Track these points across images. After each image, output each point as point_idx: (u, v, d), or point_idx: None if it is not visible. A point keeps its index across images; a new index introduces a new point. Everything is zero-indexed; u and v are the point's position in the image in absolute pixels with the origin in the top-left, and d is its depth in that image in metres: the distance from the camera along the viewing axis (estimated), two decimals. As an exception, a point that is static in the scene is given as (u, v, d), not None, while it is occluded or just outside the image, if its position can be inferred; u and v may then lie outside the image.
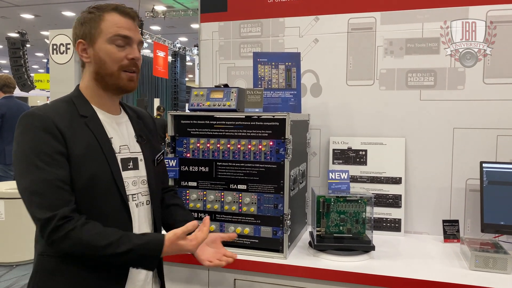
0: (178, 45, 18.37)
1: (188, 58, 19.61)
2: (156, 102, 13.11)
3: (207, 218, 1.37)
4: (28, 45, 12.45)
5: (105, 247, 1.19)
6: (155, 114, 11.97)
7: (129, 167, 1.38)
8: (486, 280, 1.54)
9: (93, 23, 1.32)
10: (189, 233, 1.29)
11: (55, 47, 8.80)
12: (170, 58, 17.80)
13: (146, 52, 19.69)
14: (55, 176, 1.19)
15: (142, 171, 1.43)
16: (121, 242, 1.20)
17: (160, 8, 14.56)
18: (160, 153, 1.53)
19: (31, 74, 13.24)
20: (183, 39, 18.23)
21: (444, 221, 2.00)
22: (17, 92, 13.60)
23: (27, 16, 13.62)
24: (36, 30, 14.95)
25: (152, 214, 1.45)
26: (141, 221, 1.40)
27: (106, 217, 1.27)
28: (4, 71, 22.30)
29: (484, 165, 1.88)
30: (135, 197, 1.38)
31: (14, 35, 13.01)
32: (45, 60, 19.67)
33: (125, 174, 1.35)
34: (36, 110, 1.25)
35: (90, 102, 1.36)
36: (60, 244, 1.18)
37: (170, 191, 1.66)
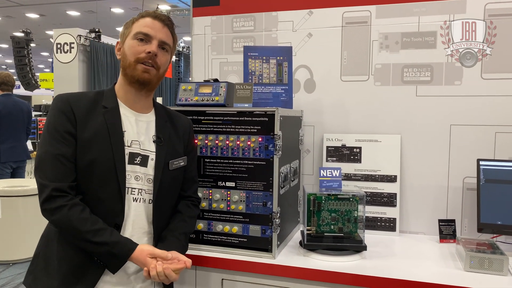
0: (182, 45, 18.38)
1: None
2: (159, 101, 13.11)
3: (189, 263, 1.42)
4: (33, 44, 12.52)
5: (84, 233, 1.30)
6: None
7: (135, 162, 1.44)
8: (481, 282, 1.48)
9: (129, 25, 1.48)
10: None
11: (59, 46, 8.85)
12: (174, 58, 17.81)
13: (150, 51, 19.67)
14: (60, 152, 1.33)
15: (150, 169, 1.47)
16: (99, 233, 1.31)
17: (164, 7, 14.57)
18: (179, 159, 1.56)
19: (36, 73, 13.31)
20: (187, 38, 18.24)
21: (440, 221, 1.94)
22: (22, 91, 13.69)
23: (32, 15, 13.69)
24: (41, 30, 15.02)
25: (152, 213, 1.47)
26: (137, 216, 1.44)
27: (100, 201, 1.37)
28: (9, 70, 22.44)
29: (481, 162, 1.82)
30: (134, 191, 1.43)
31: (19, 34, 13.08)
32: (51, 60, 19.78)
33: (129, 168, 1.42)
34: (66, 94, 1.42)
35: (118, 96, 1.48)
36: (50, 214, 1.32)
37: (189, 198, 1.63)
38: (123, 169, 1.39)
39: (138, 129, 1.48)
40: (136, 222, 1.44)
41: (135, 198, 1.43)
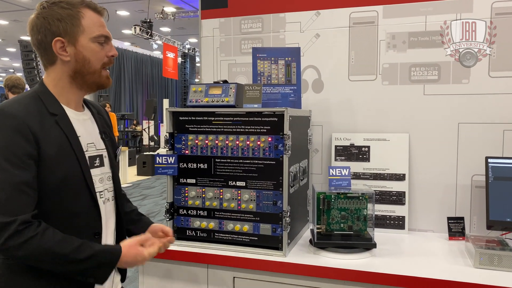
0: (188, 46, 18.45)
1: (197, 59, 19.69)
2: (166, 102, 13.17)
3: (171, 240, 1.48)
4: (40, 48, 12.59)
5: (68, 254, 1.17)
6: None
7: (95, 164, 1.38)
8: (491, 278, 1.49)
9: (73, 20, 1.29)
10: None
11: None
12: (179, 59, 17.89)
13: (156, 53, 19.81)
14: (20, 179, 1.16)
15: (107, 167, 1.44)
16: (82, 249, 1.20)
17: (169, 9, 14.63)
18: (119, 149, 1.55)
19: (43, 77, 13.40)
20: (193, 40, 18.31)
21: (449, 218, 1.95)
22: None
23: (39, 19, 13.79)
24: (47, 33, 15.13)
25: (116, 209, 1.47)
26: (107, 216, 1.42)
27: (77, 215, 1.29)
28: (17, 74, 22.65)
29: (489, 160, 1.83)
30: (102, 194, 1.39)
31: (26, 38, 13.19)
32: (57, 63, 19.87)
33: (92, 172, 1.35)
34: (6, 107, 1.21)
35: (57, 99, 1.32)
36: (16, 251, 1.13)
37: None
38: (90, 176, 1.33)
39: (87, 129, 1.40)
40: (108, 223, 1.42)
41: (104, 200, 1.40)
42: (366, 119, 2.14)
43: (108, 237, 1.41)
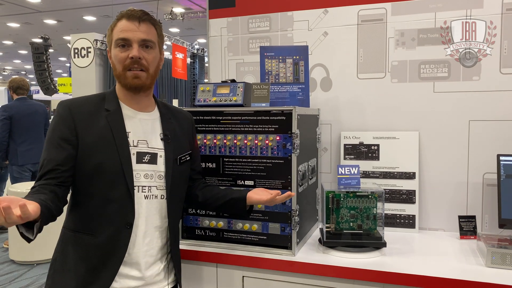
0: (197, 47, 18.50)
1: (206, 59, 19.73)
2: (175, 103, 13.22)
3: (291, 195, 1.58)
4: (51, 50, 12.74)
5: None
6: None
7: (144, 160, 1.46)
8: (503, 277, 1.47)
9: (110, 32, 1.47)
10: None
11: (76, 51, 9.01)
12: (188, 60, 17.92)
13: (165, 54, 19.89)
14: (50, 157, 1.36)
15: (160, 166, 1.49)
16: None
17: (178, 10, 14.68)
18: (186, 154, 1.59)
19: (55, 78, 13.54)
20: (202, 40, 18.35)
21: (460, 217, 1.93)
22: (41, 96, 13.95)
23: (50, 21, 13.94)
24: (58, 35, 15.29)
25: (166, 209, 1.51)
26: (150, 213, 1.47)
27: (110, 202, 1.39)
28: (29, 76, 22.92)
29: (501, 158, 1.80)
30: (144, 189, 1.45)
31: (37, 40, 13.34)
32: (68, 65, 20.10)
33: (138, 167, 1.44)
34: (68, 99, 1.45)
35: (119, 98, 1.49)
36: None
37: (199, 180, 1.73)
38: (130, 169, 1.41)
39: (144, 128, 1.49)
40: (149, 218, 1.47)
41: (146, 195, 1.46)
42: (375, 117, 2.12)
43: (148, 233, 1.46)
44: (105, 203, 1.39)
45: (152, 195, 1.47)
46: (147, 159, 1.47)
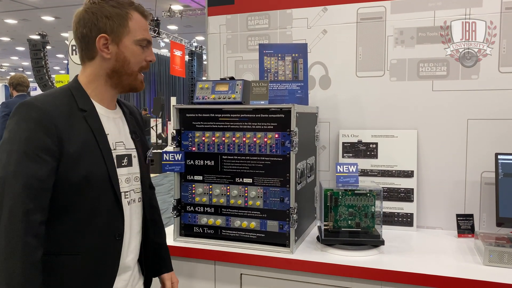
0: (195, 44, 18.46)
1: (205, 57, 19.71)
2: (173, 100, 13.20)
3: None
4: (48, 47, 12.71)
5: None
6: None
7: (123, 164, 1.36)
8: (501, 276, 1.48)
9: (121, 21, 1.30)
10: None
11: (74, 47, 8.98)
12: (187, 57, 17.91)
13: (163, 51, 19.86)
14: (31, 172, 1.13)
15: (135, 167, 1.41)
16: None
17: (177, 7, 14.65)
18: (150, 150, 1.52)
19: (52, 75, 13.51)
20: (200, 38, 18.31)
21: (458, 216, 1.93)
22: (39, 93, 13.94)
23: (48, 18, 13.88)
24: (56, 32, 15.23)
25: (142, 212, 1.44)
26: (132, 218, 1.39)
27: (99, 214, 1.26)
28: (26, 72, 22.86)
29: (499, 156, 1.80)
30: (127, 195, 1.36)
31: (35, 37, 13.30)
32: (66, 62, 20.06)
33: (119, 171, 1.33)
34: (35, 100, 1.21)
35: (90, 96, 1.32)
36: None
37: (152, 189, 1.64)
38: (115, 175, 1.30)
39: (118, 127, 1.38)
40: (133, 225, 1.39)
41: (129, 201, 1.37)
42: (374, 115, 2.12)
43: (132, 239, 1.39)
44: (91, 215, 1.25)
45: (132, 199, 1.39)
46: (125, 162, 1.37)
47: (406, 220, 2.04)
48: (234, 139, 1.77)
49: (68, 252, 1.23)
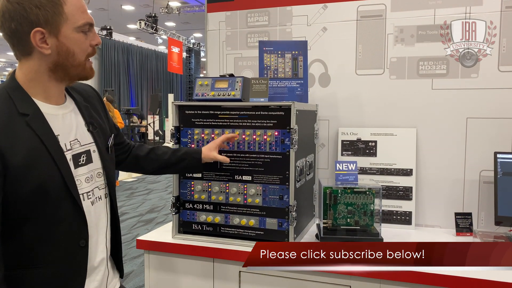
0: (193, 41, 18.44)
1: (202, 53, 19.68)
2: (171, 97, 13.18)
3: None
4: None
5: None
6: None
7: (80, 163, 1.23)
8: (499, 275, 1.48)
9: (55, 8, 1.11)
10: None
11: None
12: (184, 54, 17.89)
13: (161, 48, 19.82)
14: None
15: (96, 163, 1.30)
16: None
17: (174, 4, 14.62)
18: (111, 138, 1.39)
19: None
20: (198, 35, 18.30)
21: (456, 214, 1.94)
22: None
23: (44, 13, 13.81)
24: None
25: (110, 207, 1.36)
26: (98, 217, 1.30)
27: (57, 223, 1.16)
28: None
29: (498, 155, 1.81)
30: (89, 195, 1.26)
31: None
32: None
33: (77, 172, 1.21)
34: None
35: (31, 95, 1.16)
36: None
37: (129, 145, 1.61)
38: (72, 178, 1.18)
39: (70, 124, 1.24)
40: (99, 225, 1.30)
41: (93, 200, 1.26)
42: (373, 113, 2.12)
43: (99, 241, 1.30)
44: (49, 225, 1.14)
45: (97, 197, 1.28)
46: (83, 160, 1.24)
47: (404, 218, 2.04)
48: (233, 136, 1.76)
49: (32, 265, 1.14)
